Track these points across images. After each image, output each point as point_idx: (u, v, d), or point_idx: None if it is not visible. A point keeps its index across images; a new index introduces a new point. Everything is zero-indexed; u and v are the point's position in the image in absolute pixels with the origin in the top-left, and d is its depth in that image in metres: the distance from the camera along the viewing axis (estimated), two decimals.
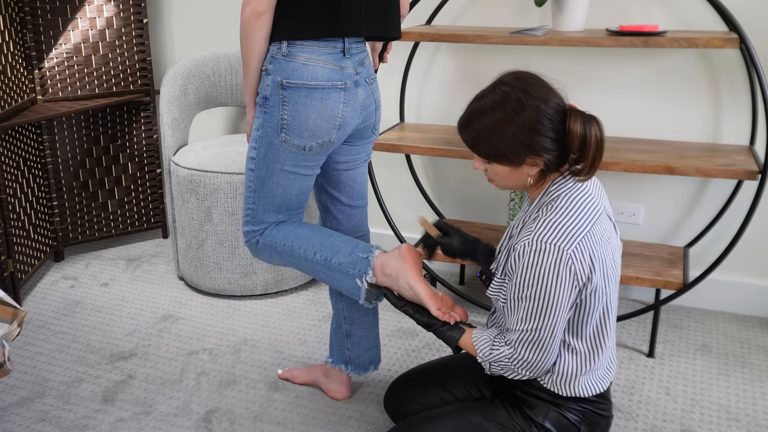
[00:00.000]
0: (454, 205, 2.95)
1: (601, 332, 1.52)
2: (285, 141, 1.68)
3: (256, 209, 1.78)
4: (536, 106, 1.41)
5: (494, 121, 1.43)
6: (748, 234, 2.57)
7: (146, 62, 3.11)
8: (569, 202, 1.45)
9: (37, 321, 2.60)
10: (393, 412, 1.85)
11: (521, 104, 1.41)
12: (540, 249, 1.39)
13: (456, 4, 2.71)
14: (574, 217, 1.43)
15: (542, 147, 1.43)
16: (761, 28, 2.38)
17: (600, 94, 2.62)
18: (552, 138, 1.43)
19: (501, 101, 1.43)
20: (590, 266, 1.42)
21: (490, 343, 1.52)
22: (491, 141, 1.45)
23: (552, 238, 1.39)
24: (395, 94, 2.91)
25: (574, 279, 1.40)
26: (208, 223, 2.65)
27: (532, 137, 1.42)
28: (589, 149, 1.42)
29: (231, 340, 2.46)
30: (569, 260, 1.39)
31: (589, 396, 1.56)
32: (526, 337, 1.46)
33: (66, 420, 2.03)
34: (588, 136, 1.41)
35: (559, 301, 1.41)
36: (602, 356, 1.54)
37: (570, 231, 1.41)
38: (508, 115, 1.42)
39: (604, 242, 1.45)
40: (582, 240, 1.41)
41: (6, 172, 2.65)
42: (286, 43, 1.62)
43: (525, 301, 1.44)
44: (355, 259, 1.70)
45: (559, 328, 1.45)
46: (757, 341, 2.45)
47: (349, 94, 1.68)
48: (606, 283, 1.47)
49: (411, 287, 1.62)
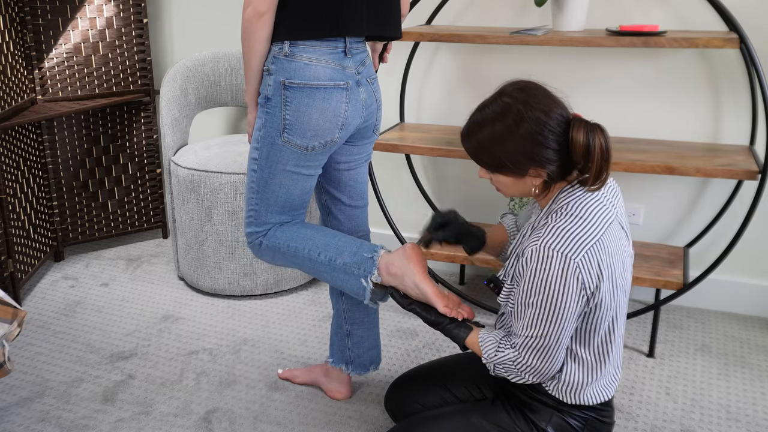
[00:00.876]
0: (454, 205, 2.95)
1: (608, 342, 1.51)
2: (287, 141, 1.68)
3: (258, 210, 1.77)
4: (537, 118, 1.40)
5: (495, 132, 1.43)
6: (748, 234, 2.58)
7: (146, 62, 3.11)
8: (579, 210, 1.43)
9: (37, 321, 2.60)
10: (394, 412, 1.85)
11: (521, 116, 1.41)
12: (547, 256, 1.38)
13: (456, 4, 2.71)
14: (582, 225, 1.41)
15: (545, 158, 1.42)
16: (761, 28, 2.38)
17: (600, 94, 2.62)
18: (554, 149, 1.42)
19: (502, 113, 1.43)
20: (598, 275, 1.40)
21: (495, 345, 1.52)
22: (492, 152, 1.44)
23: (559, 246, 1.38)
24: (395, 94, 2.91)
25: (582, 288, 1.39)
26: (208, 223, 2.65)
27: (533, 149, 1.41)
28: (593, 159, 1.40)
29: (231, 340, 2.46)
30: (576, 269, 1.37)
31: (593, 405, 1.55)
32: (531, 343, 1.45)
33: (66, 420, 2.03)
34: (591, 146, 1.40)
35: (566, 309, 1.40)
36: (609, 365, 1.54)
37: (578, 239, 1.39)
38: (508, 127, 1.42)
39: (614, 251, 1.43)
40: (590, 249, 1.39)
41: (6, 172, 2.65)
42: (288, 43, 1.62)
43: (531, 307, 1.43)
44: (359, 259, 1.69)
45: (565, 335, 1.44)
46: (757, 341, 2.45)
47: (351, 93, 1.68)
48: (614, 292, 1.45)
49: (417, 286, 1.62)
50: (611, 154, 1.41)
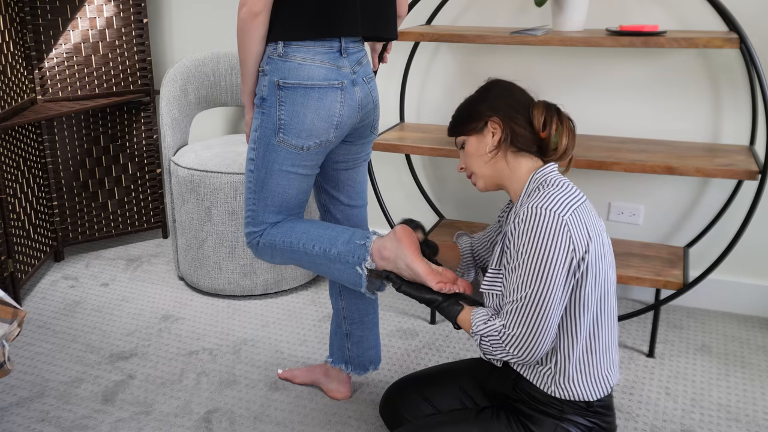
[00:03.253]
0: (454, 205, 2.95)
1: (600, 322, 1.51)
2: (283, 141, 1.68)
3: (256, 210, 1.77)
4: (507, 85, 1.59)
5: (468, 99, 1.62)
6: (748, 234, 2.58)
7: (146, 62, 3.11)
8: (558, 181, 1.51)
9: (37, 321, 2.60)
10: (389, 423, 1.84)
11: (493, 83, 1.61)
12: (539, 215, 1.43)
13: (456, 4, 2.71)
14: (566, 191, 1.48)
15: (506, 113, 1.54)
16: (761, 28, 2.38)
17: (600, 94, 2.62)
18: (518, 112, 1.55)
19: (477, 91, 1.63)
20: (587, 235, 1.44)
21: (485, 318, 1.51)
22: (461, 114, 1.61)
23: (549, 205, 1.43)
24: (395, 94, 2.91)
25: (571, 244, 1.42)
26: (208, 223, 2.65)
27: (496, 102, 1.56)
28: (551, 125, 1.52)
29: (231, 340, 2.46)
30: (565, 226, 1.41)
31: (596, 399, 1.54)
32: (520, 306, 1.44)
33: (66, 420, 2.03)
34: (551, 111, 1.53)
35: (556, 267, 1.41)
36: (603, 351, 1.53)
37: (566, 201, 1.46)
38: (479, 93, 1.60)
39: (595, 217, 1.51)
40: (577, 210, 1.45)
41: (6, 172, 2.65)
42: (282, 44, 1.62)
43: (522, 267, 1.44)
44: (353, 246, 1.69)
45: (555, 302, 1.42)
46: (757, 341, 2.45)
47: (346, 93, 1.68)
48: (602, 260, 1.47)
49: (409, 267, 1.61)
50: (569, 125, 1.55)
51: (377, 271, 1.67)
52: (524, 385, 1.58)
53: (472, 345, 2.41)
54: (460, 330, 1.76)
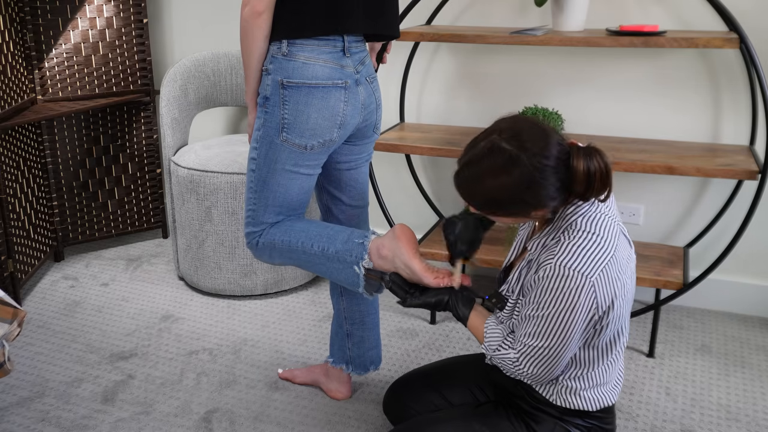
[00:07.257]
0: (454, 205, 2.95)
1: (613, 347, 1.51)
2: (286, 140, 1.68)
3: (256, 210, 1.77)
4: (536, 165, 1.35)
5: (495, 185, 1.38)
6: (748, 234, 2.58)
7: (146, 62, 3.11)
8: (589, 226, 1.40)
9: (37, 321, 2.60)
10: (393, 419, 1.84)
11: (518, 161, 1.35)
12: (565, 275, 1.36)
13: (456, 4, 2.71)
14: (597, 242, 1.39)
15: (548, 197, 1.37)
16: (761, 28, 2.38)
17: (600, 94, 2.62)
18: (556, 187, 1.38)
19: (502, 165, 1.36)
20: (613, 293, 1.40)
21: (500, 341, 1.51)
22: (494, 202, 1.40)
23: (577, 265, 1.36)
24: (395, 94, 2.91)
25: (594, 303, 1.38)
26: (208, 223, 2.65)
27: (535, 194, 1.36)
28: (594, 183, 1.37)
29: (231, 340, 2.46)
30: (592, 288, 1.36)
31: (596, 410, 1.54)
32: (533, 353, 1.45)
33: (66, 420, 2.03)
34: (592, 171, 1.36)
35: (574, 327, 1.40)
36: (612, 369, 1.53)
37: (594, 257, 1.37)
38: (510, 178, 1.36)
39: (624, 263, 1.43)
40: (606, 266, 1.38)
41: (6, 172, 2.65)
42: (285, 42, 1.62)
43: (539, 320, 1.42)
44: (351, 245, 1.68)
45: (569, 350, 1.44)
46: (757, 341, 2.45)
47: (350, 92, 1.68)
48: (624, 305, 1.45)
49: (407, 265, 1.59)
50: (611, 172, 1.38)
51: (375, 271, 1.67)
52: (526, 384, 1.59)
53: (473, 345, 2.42)
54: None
